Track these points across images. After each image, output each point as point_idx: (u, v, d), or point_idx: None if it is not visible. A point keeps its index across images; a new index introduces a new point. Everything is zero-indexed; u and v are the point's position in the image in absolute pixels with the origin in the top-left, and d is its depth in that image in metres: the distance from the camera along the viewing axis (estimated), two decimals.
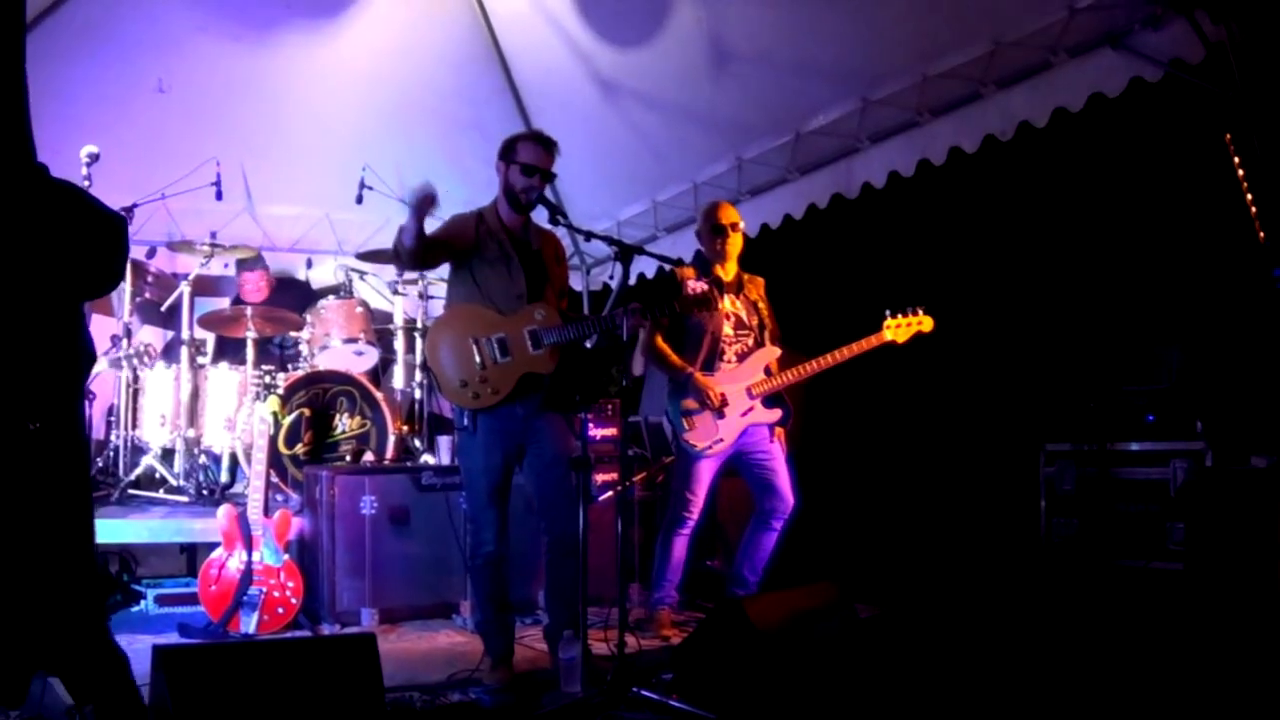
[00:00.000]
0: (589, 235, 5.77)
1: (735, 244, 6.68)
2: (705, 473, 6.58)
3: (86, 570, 3.78)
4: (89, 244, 3.55)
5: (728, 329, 6.62)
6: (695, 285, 6.54)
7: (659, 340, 6.58)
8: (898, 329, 6.48)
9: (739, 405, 6.54)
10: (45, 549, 3.51)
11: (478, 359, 5.38)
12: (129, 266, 8.52)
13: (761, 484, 6.63)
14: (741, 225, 6.75)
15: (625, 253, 5.36)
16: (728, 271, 6.70)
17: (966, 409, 8.81)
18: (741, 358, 6.65)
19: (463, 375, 5.39)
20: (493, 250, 5.54)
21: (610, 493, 7.26)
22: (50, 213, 3.48)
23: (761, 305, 6.75)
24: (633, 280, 5.49)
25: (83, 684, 3.64)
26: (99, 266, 3.61)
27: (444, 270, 5.85)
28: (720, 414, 6.49)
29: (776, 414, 6.65)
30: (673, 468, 6.79)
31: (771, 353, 6.67)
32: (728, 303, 6.63)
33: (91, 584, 3.92)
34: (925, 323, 6.50)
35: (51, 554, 3.52)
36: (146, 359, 8.18)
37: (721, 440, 6.52)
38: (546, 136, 5.63)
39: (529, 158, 5.51)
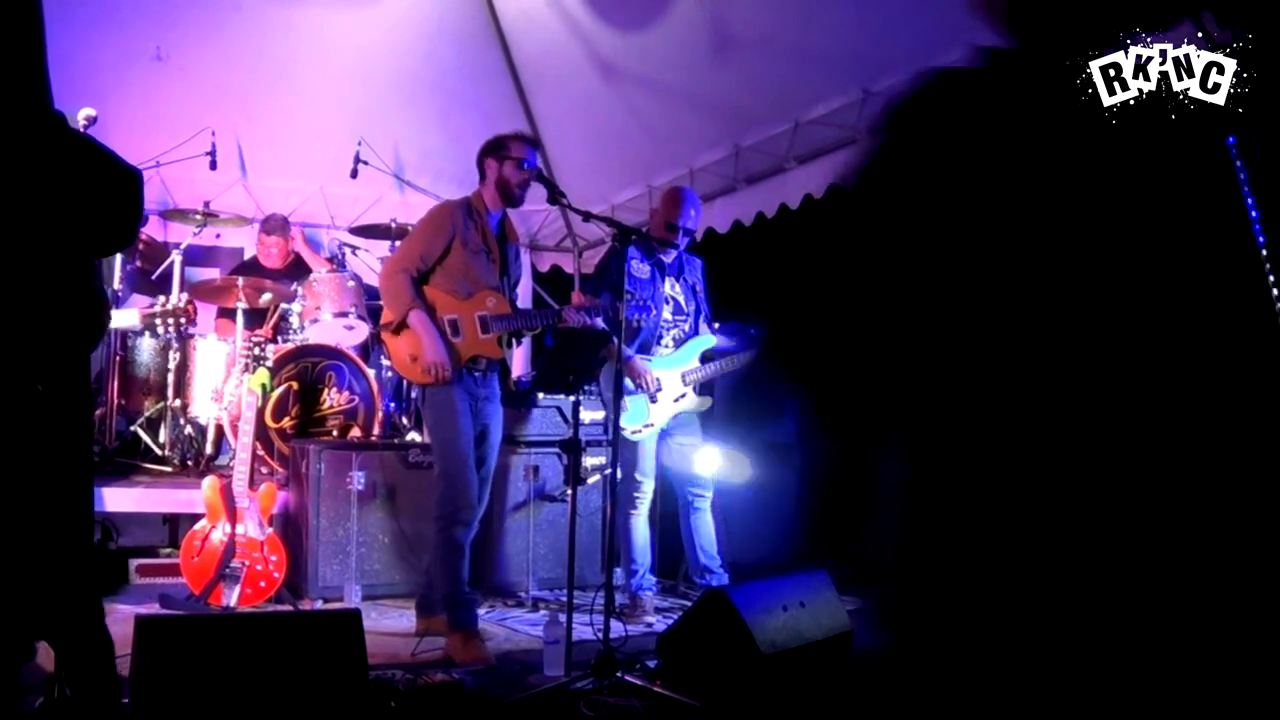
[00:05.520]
0: (587, 216, 5.72)
1: (685, 244, 6.73)
2: (649, 453, 6.61)
3: (84, 538, 3.71)
4: (104, 197, 3.44)
5: (666, 314, 6.65)
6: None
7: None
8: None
9: (672, 391, 6.59)
10: (47, 514, 3.41)
11: None
12: None
13: (682, 471, 6.74)
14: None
15: (624, 234, 5.40)
16: (669, 255, 6.70)
17: (963, 398, 8.70)
18: (679, 343, 6.70)
19: (411, 350, 5.63)
20: (476, 240, 5.77)
21: (597, 475, 7.24)
22: (65, 163, 3.37)
23: (698, 289, 6.79)
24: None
25: (69, 655, 3.57)
26: (114, 220, 3.49)
27: None
28: (653, 398, 6.53)
29: (707, 401, 6.75)
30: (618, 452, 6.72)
31: (707, 340, 6.74)
32: (668, 286, 6.66)
33: (89, 552, 3.87)
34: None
35: (52, 520, 3.43)
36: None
37: (651, 425, 6.56)
38: (532, 136, 6.21)
39: (524, 154, 5.78)
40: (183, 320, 6.17)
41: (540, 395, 7.45)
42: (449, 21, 9.14)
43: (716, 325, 6.83)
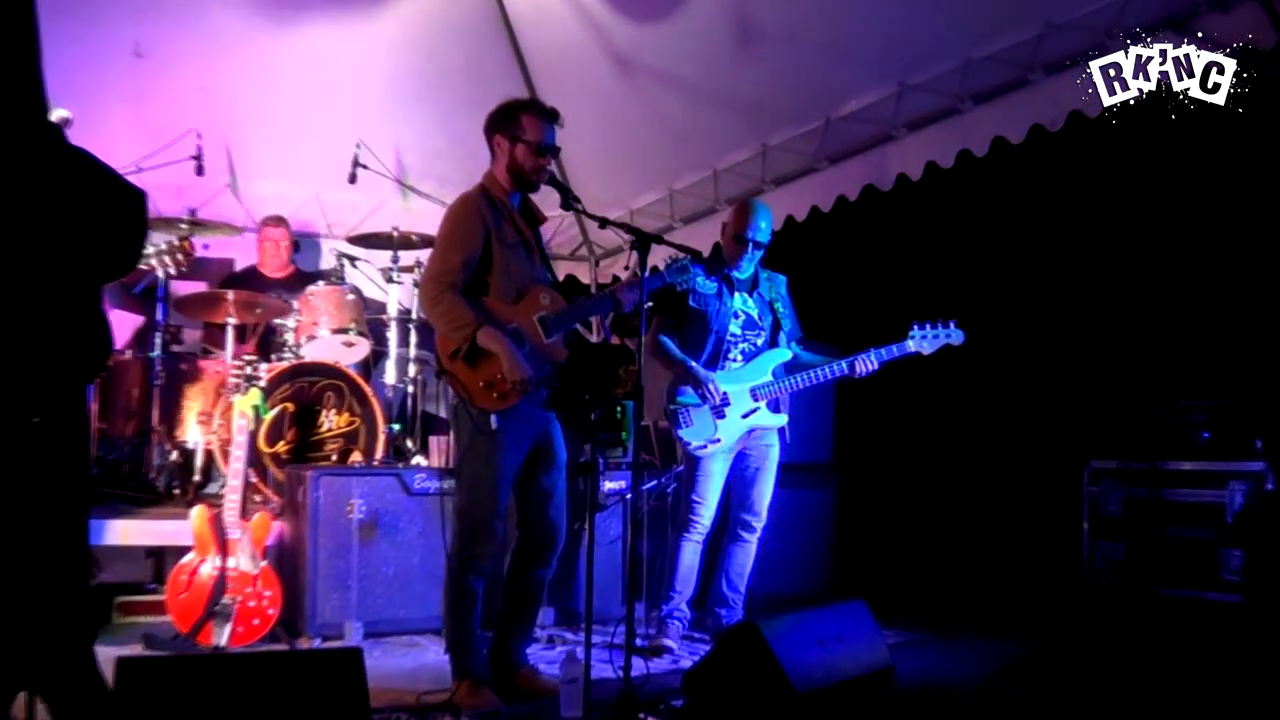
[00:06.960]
0: (604, 222, 5.47)
1: (756, 257, 6.54)
2: (712, 476, 6.40)
3: (80, 581, 3.61)
4: (109, 218, 3.40)
5: (734, 327, 6.51)
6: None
7: (660, 335, 6.45)
8: (923, 340, 6.29)
9: (741, 406, 6.38)
10: (40, 555, 3.35)
11: None
12: None
13: (740, 493, 6.58)
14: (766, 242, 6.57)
15: (643, 241, 5.08)
16: (743, 270, 6.53)
17: (1007, 421, 8.57)
18: (748, 357, 6.51)
19: (484, 376, 5.02)
20: (510, 232, 5.23)
21: (615, 500, 7.16)
22: (68, 182, 3.32)
23: (778, 305, 6.61)
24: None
25: (61, 707, 3.44)
26: (119, 243, 3.46)
27: None
28: (719, 412, 6.31)
29: (782, 419, 6.54)
30: (683, 472, 6.60)
31: (780, 354, 6.54)
32: (737, 300, 6.50)
33: (84, 596, 3.73)
34: (954, 336, 6.32)
35: (46, 561, 3.37)
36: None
37: (719, 440, 6.35)
38: (550, 108, 5.36)
39: (540, 135, 5.23)
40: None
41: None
42: (453, 15, 8.89)
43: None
